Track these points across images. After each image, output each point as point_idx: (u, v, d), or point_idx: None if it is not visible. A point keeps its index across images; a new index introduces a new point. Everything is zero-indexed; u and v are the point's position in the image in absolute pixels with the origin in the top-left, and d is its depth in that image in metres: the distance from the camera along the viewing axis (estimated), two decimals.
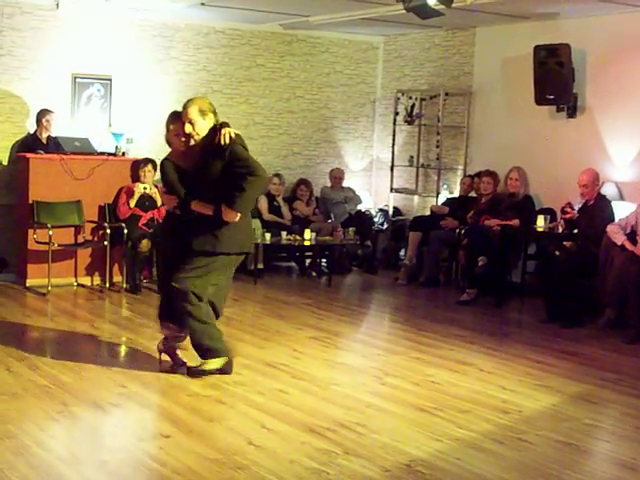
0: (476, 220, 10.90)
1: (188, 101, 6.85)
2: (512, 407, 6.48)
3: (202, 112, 6.71)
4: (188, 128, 6.71)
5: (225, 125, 6.73)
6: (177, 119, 6.81)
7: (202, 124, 6.71)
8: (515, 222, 10.55)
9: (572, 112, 10.83)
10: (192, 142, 6.78)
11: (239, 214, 6.66)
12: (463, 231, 11.12)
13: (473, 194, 11.63)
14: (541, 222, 10.38)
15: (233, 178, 6.60)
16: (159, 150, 11.42)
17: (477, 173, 11.60)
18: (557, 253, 9.61)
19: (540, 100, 10.81)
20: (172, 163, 6.89)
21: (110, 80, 11.54)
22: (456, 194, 12.25)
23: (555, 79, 10.55)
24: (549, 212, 10.64)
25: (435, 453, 5.47)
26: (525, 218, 10.54)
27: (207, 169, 6.71)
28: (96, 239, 10.82)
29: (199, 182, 6.73)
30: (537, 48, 10.67)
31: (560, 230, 10.12)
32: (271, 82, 12.85)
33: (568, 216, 9.84)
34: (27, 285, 10.41)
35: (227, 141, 6.62)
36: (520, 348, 8.32)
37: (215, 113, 6.80)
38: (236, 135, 6.74)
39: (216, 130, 6.69)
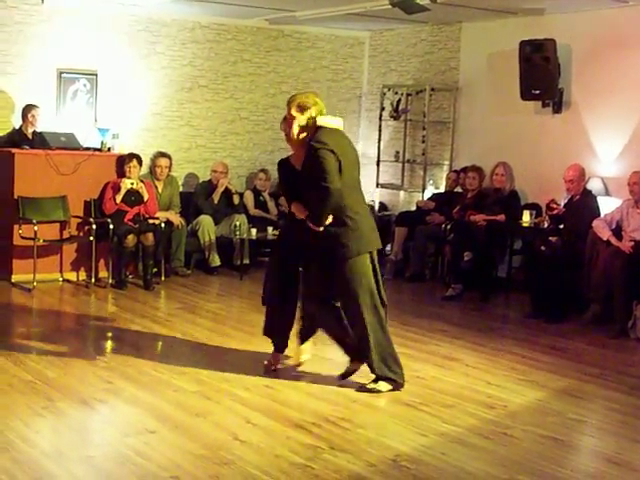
0: (462, 215, 10.91)
1: (290, 97, 6.64)
2: (497, 402, 6.50)
3: (301, 108, 6.43)
4: (286, 128, 6.54)
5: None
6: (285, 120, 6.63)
7: (301, 120, 6.42)
8: (501, 217, 10.57)
9: (558, 107, 10.85)
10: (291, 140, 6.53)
11: (318, 228, 6.41)
12: (449, 226, 11.12)
13: (459, 189, 11.65)
14: (527, 217, 10.40)
15: (312, 186, 6.32)
16: (144, 145, 11.52)
17: (463, 168, 11.61)
18: (543, 248, 9.63)
19: (526, 95, 10.83)
20: (286, 164, 6.72)
21: (96, 75, 11.51)
22: (442, 189, 12.26)
23: (541, 74, 10.56)
24: (535, 207, 10.66)
25: (420, 448, 5.48)
26: (511, 213, 10.56)
27: (305, 170, 6.45)
28: (82, 234, 10.79)
29: (304, 184, 6.45)
30: (523, 43, 10.68)
31: (546, 225, 10.15)
32: (257, 77, 12.84)
33: (554, 212, 9.85)
34: (12, 281, 10.37)
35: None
36: (505, 343, 8.34)
37: (319, 108, 6.48)
38: (328, 132, 6.42)
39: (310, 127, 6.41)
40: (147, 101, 11.88)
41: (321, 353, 7.84)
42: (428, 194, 12.34)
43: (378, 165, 13.16)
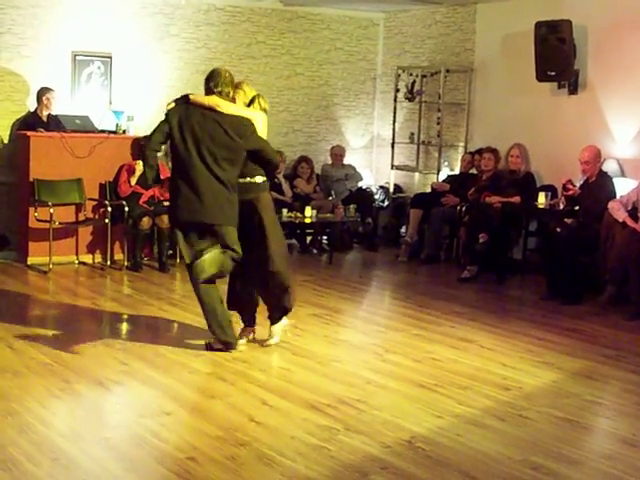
0: (477, 197, 10.88)
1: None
2: (513, 384, 6.50)
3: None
4: None
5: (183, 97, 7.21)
6: None
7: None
8: (516, 199, 10.54)
9: (573, 89, 10.80)
10: None
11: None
12: (464, 208, 11.10)
13: (474, 171, 11.62)
14: (542, 199, 10.37)
15: None
16: None
17: (478, 150, 11.58)
18: (558, 230, 9.59)
19: (541, 77, 10.78)
20: None
21: (110, 58, 11.51)
22: (457, 171, 12.24)
23: (556, 55, 10.51)
24: (550, 189, 10.63)
25: (436, 429, 5.50)
26: (526, 195, 10.53)
27: None
28: (97, 217, 10.82)
29: None
30: (538, 24, 10.62)
31: (561, 207, 10.10)
32: (271, 59, 12.82)
33: (570, 193, 9.82)
34: (28, 263, 10.41)
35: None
36: (521, 325, 8.33)
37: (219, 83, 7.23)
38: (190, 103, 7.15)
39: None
40: (162, 83, 11.86)
41: (336, 335, 7.88)
42: (443, 176, 12.31)
43: (393, 147, 13.13)
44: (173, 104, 6.99)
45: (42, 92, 10.76)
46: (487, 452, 5.14)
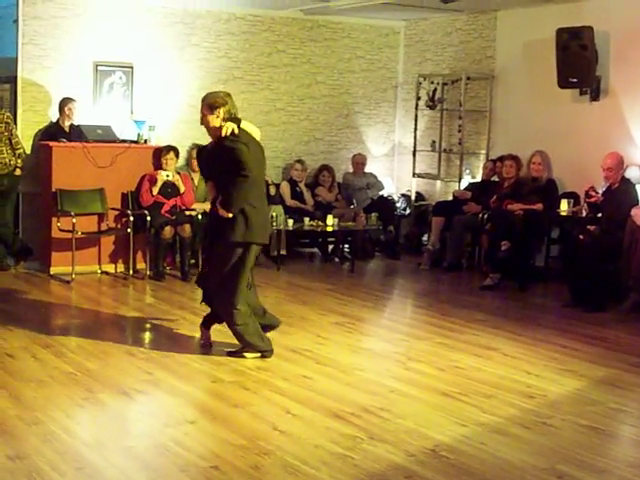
0: (499, 205, 10.85)
1: (204, 95, 7.21)
2: (537, 392, 6.47)
3: (211, 107, 6.96)
4: (201, 121, 7.09)
5: (234, 120, 6.96)
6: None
7: (211, 118, 6.96)
8: (538, 206, 10.51)
9: (595, 95, 10.76)
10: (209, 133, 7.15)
11: (229, 214, 6.89)
12: (486, 216, 11.08)
13: (495, 178, 11.59)
14: (564, 206, 10.34)
15: (227, 175, 6.88)
16: (181, 137, 11.54)
17: (499, 157, 11.55)
18: (581, 237, 9.56)
19: (563, 83, 10.75)
20: (204, 150, 7.46)
21: (132, 68, 11.55)
22: (478, 179, 12.21)
23: (578, 62, 10.48)
24: (572, 196, 10.60)
25: (460, 438, 5.47)
26: (548, 202, 10.50)
27: (213, 159, 7.08)
28: (119, 226, 10.85)
29: (213, 169, 7.15)
30: (560, 31, 10.60)
31: (584, 214, 10.07)
32: (292, 68, 12.83)
33: (592, 200, 9.78)
34: (51, 273, 10.45)
35: (226, 134, 6.86)
36: (544, 333, 8.30)
37: (227, 110, 6.97)
38: (241, 132, 6.93)
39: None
40: (183, 93, 11.90)
41: (359, 343, 7.88)
42: (465, 183, 12.29)
43: (414, 155, 13.13)
44: (233, 126, 6.91)
45: (64, 102, 10.82)
46: (512, 460, 5.12)
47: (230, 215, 6.87)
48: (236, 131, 6.87)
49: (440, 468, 4.98)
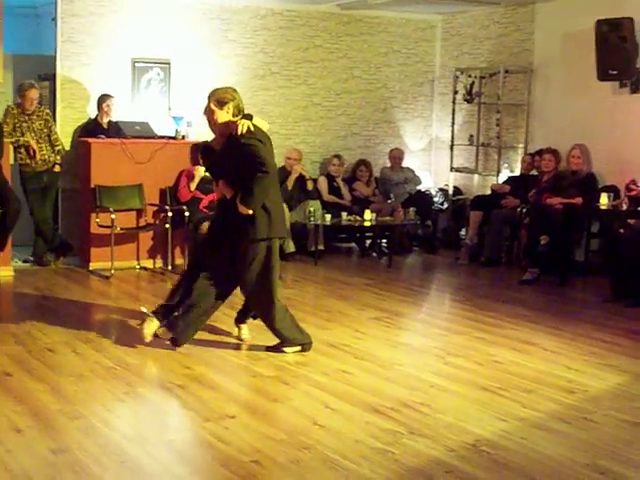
0: (538, 199, 10.77)
1: (211, 91, 7.05)
2: (577, 387, 6.43)
3: (219, 102, 6.88)
4: (208, 117, 6.98)
5: (247, 117, 6.89)
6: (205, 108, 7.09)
7: (220, 114, 6.87)
8: (578, 200, 10.44)
9: (635, 87, 10.67)
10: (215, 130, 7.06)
11: (249, 210, 6.82)
12: (525, 210, 11.02)
13: (534, 172, 11.52)
14: (604, 200, 10.27)
15: (246, 172, 6.78)
16: None
17: (538, 151, 11.48)
18: (621, 231, 9.48)
19: (602, 76, 10.66)
20: (209, 148, 7.29)
21: (169, 64, 11.59)
22: (517, 173, 12.14)
23: (618, 54, 10.39)
24: (612, 190, 10.51)
25: (500, 433, 5.44)
26: (588, 196, 10.43)
27: (227, 155, 6.93)
28: (157, 222, 10.90)
29: (224, 166, 7.00)
30: (599, 23, 10.51)
31: (624, 207, 9.99)
32: (329, 63, 12.83)
33: (633, 193, 9.71)
34: (90, 268, 10.52)
35: (242, 132, 6.76)
36: (584, 327, 8.23)
37: (237, 104, 6.91)
38: (255, 128, 6.85)
39: (235, 121, 6.85)
40: None
41: (397, 338, 7.87)
42: (503, 177, 12.23)
43: (452, 149, 13.09)
44: (249, 124, 6.84)
45: (102, 99, 10.88)
46: (553, 456, 5.08)
47: (251, 212, 6.83)
48: (252, 128, 6.82)
49: (481, 463, 4.96)
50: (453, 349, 7.42)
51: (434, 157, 13.75)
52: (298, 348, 7.13)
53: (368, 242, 12.55)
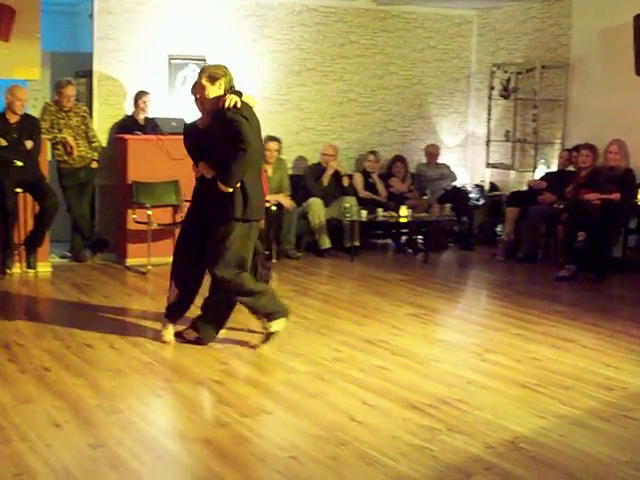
0: (575, 194, 10.71)
1: (202, 68, 7.10)
2: (616, 384, 6.38)
3: (212, 78, 6.81)
4: (198, 93, 6.90)
5: (236, 93, 6.79)
6: (195, 84, 7.04)
7: (211, 89, 6.79)
8: (615, 196, 10.35)
9: None
10: (203, 107, 6.93)
11: (229, 188, 6.73)
12: (562, 206, 10.94)
13: (571, 168, 11.45)
14: None
15: (225, 149, 6.69)
16: None
17: (575, 146, 11.41)
18: None
19: None
20: (192, 127, 7.15)
21: (204, 60, 11.58)
22: (554, 168, 12.06)
23: None
24: None
25: (539, 430, 5.41)
26: (626, 192, 10.35)
27: (212, 133, 6.84)
28: None
29: (208, 145, 6.88)
30: (637, 17, 10.42)
31: None
32: (365, 59, 12.80)
33: None
34: (127, 264, 10.56)
35: (229, 105, 6.68)
36: (623, 324, 8.18)
37: (229, 80, 6.84)
38: (243, 105, 6.76)
39: (223, 96, 6.78)
40: (256, 85, 11.91)
41: (434, 334, 7.85)
42: (539, 173, 12.15)
43: (488, 145, 13.03)
44: (236, 99, 6.74)
45: (138, 96, 10.93)
46: (592, 453, 5.05)
47: (230, 190, 6.74)
48: (239, 104, 6.71)
49: (519, 460, 4.93)
50: (490, 346, 7.38)
51: (470, 153, 13.70)
52: (283, 320, 7.10)
53: (404, 238, 12.52)
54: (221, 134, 6.73)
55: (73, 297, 9.00)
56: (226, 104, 6.68)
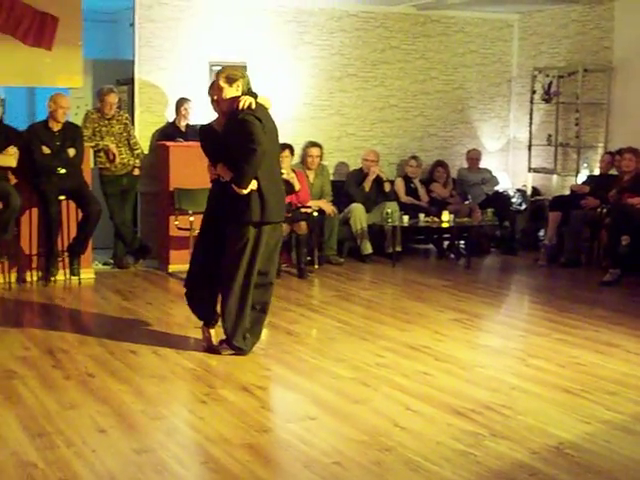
0: (618, 198, 10.63)
1: (220, 69, 7.03)
2: None
3: (229, 79, 6.77)
4: (215, 94, 6.87)
5: (252, 95, 6.79)
6: (212, 85, 7.03)
7: (228, 90, 6.77)
8: None
9: None
10: (220, 109, 6.92)
11: (243, 189, 6.70)
12: (605, 210, 10.87)
13: (614, 172, 11.36)
14: None
15: (238, 149, 6.68)
16: (295, 135, 11.58)
17: (618, 150, 11.32)
18: None
19: None
20: (209, 129, 7.13)
21: (245, 67, 11.62)
22: (596, 172, 11.98)
23: None
24: None
25: (584, 435, 5.37)
26: None
27: (227, 134, 6.84)
28: None
29: (224, 147, 6.86)
30: None
31: None
32: (405, 64, 12.79)
33: None
34: (169, 271, 10.60)
35: (243, 106, 6.67)
36: None
37: (247, 82, 6.84)
38: (257, 106, 6.76)
39: (239, 97, 6.76)
40: (297, 91, 11.97)
41: (477, 340, 7.82)
42: (582, 178, 12.07)
43: (530, 149, 12.97)
44: (251, 100, 6.73)
45: (180, 103, 10.98)
46: (638, 459, 5.02)
47: (244, 192, 6.71)
48: (253, 105, 6.70)
49: (565, 466, 4.90)
50: (534, 351, 7.34)
51: (511, 157, 13.64)
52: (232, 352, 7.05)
53: (446, 243, 12.48)
54: (234, 135, 6.75)
55: (116, 304, 9.06)
56: (240, 105, 6.69)
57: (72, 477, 4.66)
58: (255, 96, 6.80)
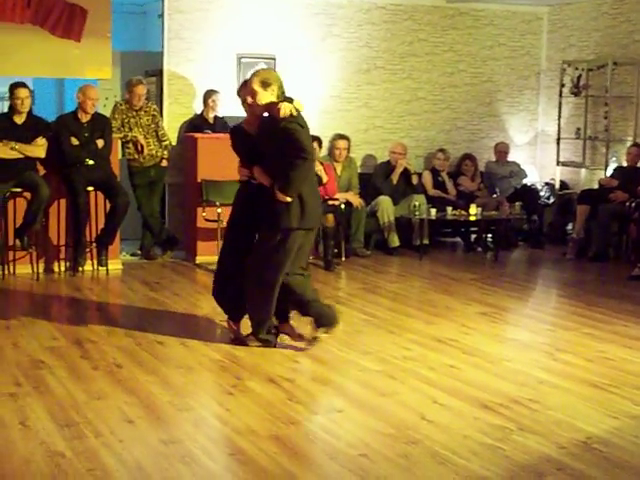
0: None
1: (253, 72, 6.95)
2: None
3: (264, 84, 6.69)
4: (249, 99, 6.81)
5: (288, 100, 6.72)
6: (245, 87, 7.01)
7: (263, 95, 6.69)
8: None
9: None
10: (253, 111, 6.89)
11: (288, 197, 6.63)
12: (634, 204, 10.80)
13: None
14: None
15: (283, 158, 6.61)
16: (323, 127, 11.56)
17: None
18: None
19: None
20: (240, 130, 7.12)
21: (274, 59, 11.64)
22: (624, 165, 11.90)
23: None
24: None
25: (612, 430, 5.35)
26: None
27: (265, 140, 6.79)
28: None
29: (262, 152, 6.82)
30: None
31: None
32: (434, 57, 12.75)
33: None
34: (197, 262, 10.63)
35: (285, 114, 6.61)
36: None
37: (280, 86, 6.76)
38: (297, 113, 6.70)
39: (277, 103, 6.68)
40: (325, 83, 11.95)
41: (505, 333, 7.80)
42: (611, 171, 12.00)
43: (558, 143, 12.90)
44: (291, 107, 6.67)
45: (208, 94, 10.98)
46: None
47: (289, 199, 6.64)
48: (294, 112, 6.65)
49: (593, 461, 4.88)
50: (562, 345, 7.31)
51: (540, 151, 13.57)
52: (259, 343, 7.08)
53: (473, 237, 12.44)
54: (277, 143, 6.66)
55: (143, 295, 9.09)
56: (281, 113, 6.62)
57: (100, 467, 4.68)
58: (291, 101, 6.75)
